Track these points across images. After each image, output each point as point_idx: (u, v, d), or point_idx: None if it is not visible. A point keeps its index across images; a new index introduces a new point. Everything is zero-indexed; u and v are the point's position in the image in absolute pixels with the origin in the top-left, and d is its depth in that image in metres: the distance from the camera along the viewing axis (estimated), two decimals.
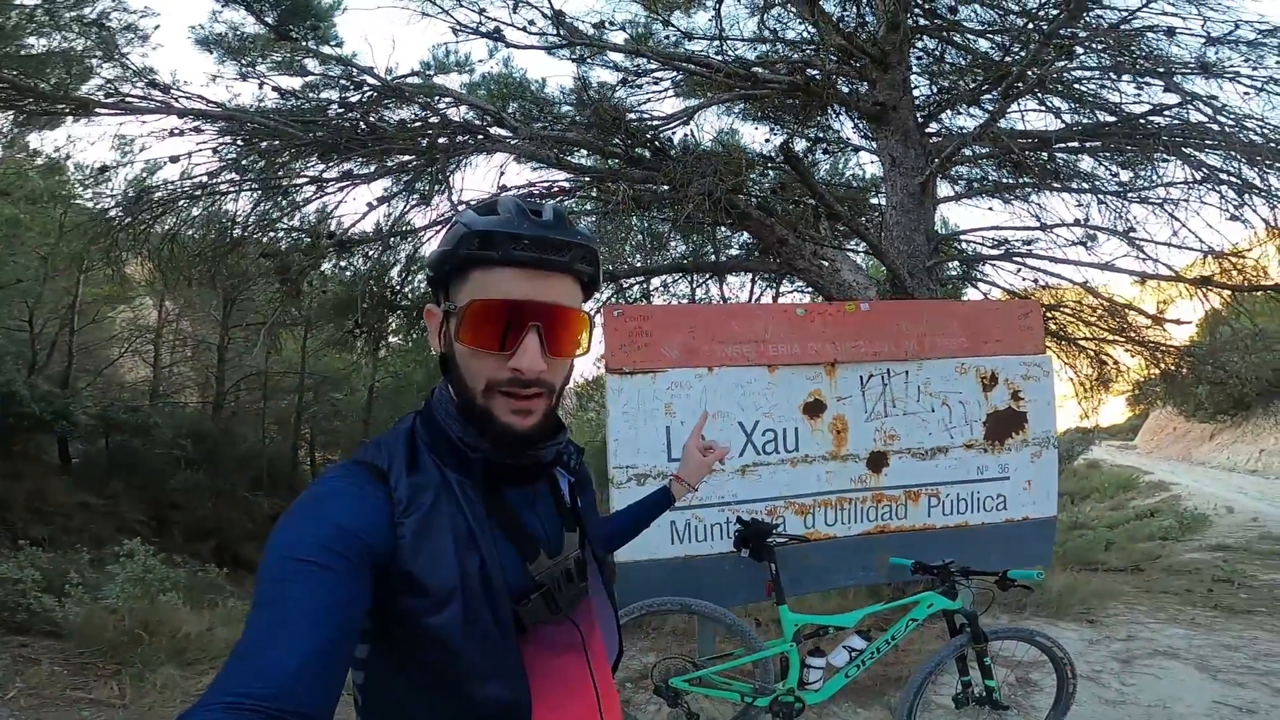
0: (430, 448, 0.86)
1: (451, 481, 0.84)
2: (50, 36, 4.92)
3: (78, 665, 3.93)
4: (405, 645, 0.81)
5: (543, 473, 0.95)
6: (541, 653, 0.87)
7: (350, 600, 0.72)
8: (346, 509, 0.77)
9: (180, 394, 17.42)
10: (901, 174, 5.73)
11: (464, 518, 0.82)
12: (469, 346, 0.83)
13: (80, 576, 4.76)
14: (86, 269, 11.62)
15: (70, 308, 13.75)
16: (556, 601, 0.88)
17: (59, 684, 3.67)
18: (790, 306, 3.14)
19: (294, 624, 0.67)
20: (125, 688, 3.65)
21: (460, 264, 0.84)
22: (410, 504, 0.80)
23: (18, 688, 3.56)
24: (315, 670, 0.65)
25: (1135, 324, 7.12)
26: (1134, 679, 3.85)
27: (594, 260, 0.89)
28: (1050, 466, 3.09)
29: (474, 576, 0.81)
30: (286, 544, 0.73)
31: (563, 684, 0.89)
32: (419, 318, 6.98)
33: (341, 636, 0.70)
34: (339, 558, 0.72)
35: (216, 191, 4.84)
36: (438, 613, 0.78)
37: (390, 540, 0.78)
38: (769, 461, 2.85)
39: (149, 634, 4.19)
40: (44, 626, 4.49)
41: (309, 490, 0.81)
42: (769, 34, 6.65)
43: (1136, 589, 6.03)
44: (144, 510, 12.82)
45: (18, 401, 10.22)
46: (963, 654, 2.63)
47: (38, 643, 4.31)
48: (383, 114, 5.31)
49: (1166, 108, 5.70)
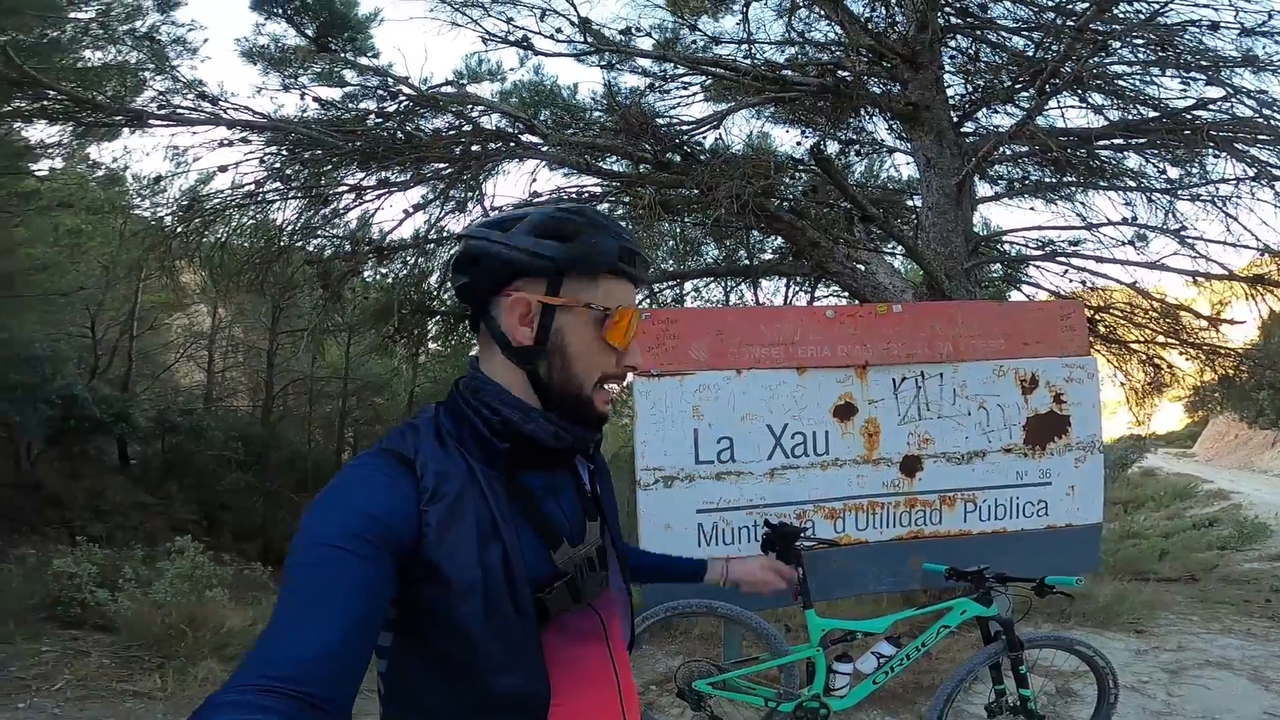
0: (455, 437, 0.87)
1: (476, 470, 0.85)
2: (105, 49, 5.18)
3: (125, 658, 4.08)
4: (426, 634, 0.82)
5: (565, 461, 0.97)
6: (564, 641, 0.88)
7: (376, 586, 0.73)
8: (375, 496, 0.78)
9: (232, 398, 18.05)
10: (937, 174, 5.61)
11: (487, 507, 0.83)
12: (616, 345, 0.91)
13: (133, 572, 4.95)
14: (145, 277, 12.14)
15: (130, 314, 14.37)
16: (580, 589, 0.89)
17: (106, 676, 3.82)
18: (820, 309, 3.10)
19: (320, 609, 0.68)
20: (168, 680, 3.78)
21: (602, 268, 0.90)
22: (435, 493, 0.81)
23: (65, 679, 3.71)
24: (340, 655, 0.66)
25: (1190, 326, 6.82)
26: (1182, 689, 3.70)
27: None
28: (1095, 471, 2.97)
29: (496, 567, 0.81)
30: (316, 530, 0.74)
31: (584, 672, 0.90)
32: (456, 323, 7.11)
33: (366, 622, 0.71)
34: (366, 544, 0.73)
35: (264, 200, 5.03)
36: (459, 603, 0.79)
37: (415, 529, 0.78)
38: (798, 465, 2.81)
39: (194, 629, 4.34)
40: (96, 620, 4.68)
41: (338, 476, 0.82)
42: (797, 36, 6.59)
43: (1190, 599, 5.78)
44: (196, 510, 13.30)
45: (79, 404, 10.69)
46: (997, 662, 2.55)
47: (89, 636, 4.49)
48: (419, 123, 5.43)
49: (1211, 102, 5.46)
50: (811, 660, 2.58)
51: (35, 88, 4.11)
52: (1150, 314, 7.09)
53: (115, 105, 4.51)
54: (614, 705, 0.94)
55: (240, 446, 14.35)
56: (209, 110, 4.65)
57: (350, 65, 5.97)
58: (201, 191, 5.13)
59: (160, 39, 5.39)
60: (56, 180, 9.51)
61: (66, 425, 10.84)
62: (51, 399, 10.18)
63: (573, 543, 0.92)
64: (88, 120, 4.57)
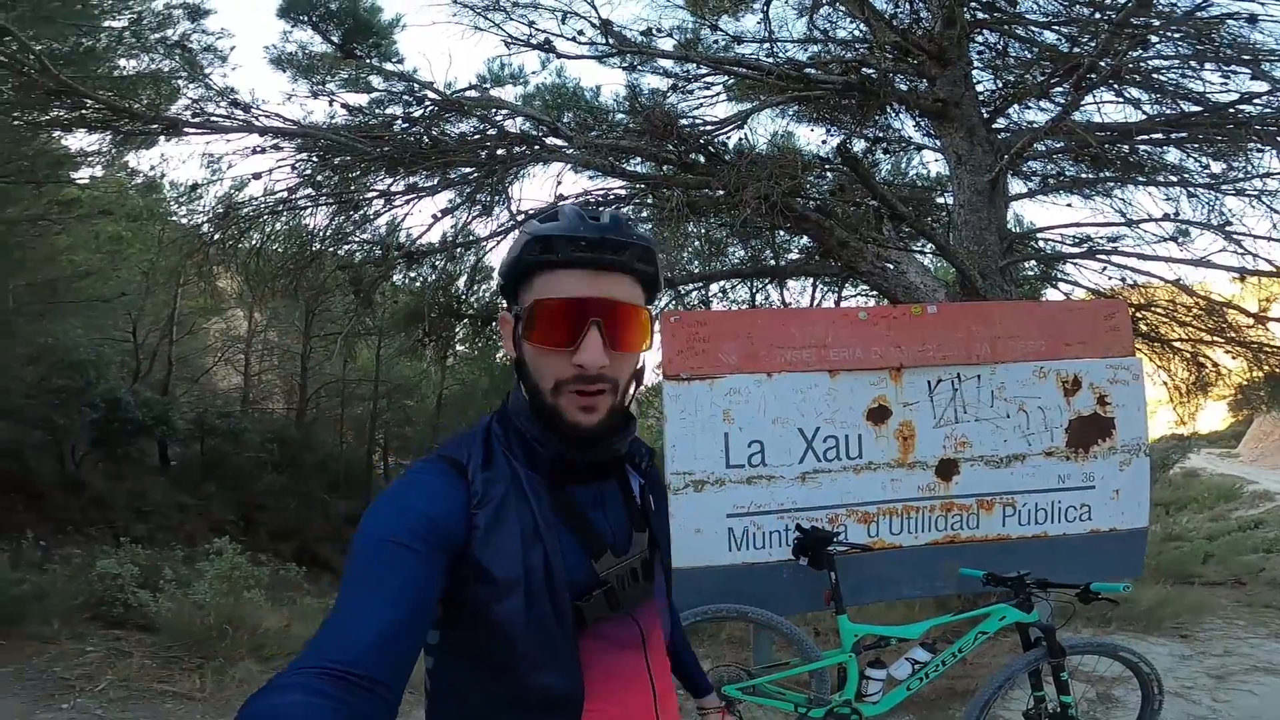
0: (504, 445, 0.91)
1: (522, 477, 0.88)
2: (138, 58, 5.31)
3: (165, 659, 4.16)
4: (470, 633, 0.85)
5: (611, 470, 0.98)
6: (601, 647, 0.90)
7: (428, 581, 0.78)
8: (431, 498, 0.83)
9: (268, 401, 18.44)
10: (969, 171, 5.49)
11: (531, 512, 0.86)
12: (535, 345, 0.87)
13: (173, 573, 5.06)
14: (183, 283, 12.44)
15: (169, 319, 14.77)
16: (618, 599, 0.90)
17: (147, 676, 3.89)
18: (852, 310, 3.05)
19: (377, 600, 0.73)
20: (206, 681, 3.85)
21: (525, 269, 0.88)
22: (484, 496, 0.85)
23: (108, 679, 3.79)
24: (393, 643, 0.71)
25: (1236, 323, 6.58)
26: (1227, 695, 3.58)
27: (652, 260, 0.91)
28: (1141, 475, 2.87)
29: (537, 569, 0.84)
30: (376, 526, 0.79)
31: (618, 679, 0.91)
32: (484, 326, 7.17)
33: (419, 614, 0.76)
34: (421, 541, 0.78)
35: (296, 206, 5.12)
36: (501, 602, 0.83)
37: (465, 530, 0.83)
38: (830, 469, 2.77)
39: (232, 629, 4.41)
40: (137, 620, 4.77)
41: (399, 479, 0.88)
42: (819, 34, 6.51)
43: (1236, 603, 5.58)
44: (234, 510, 13.59)
45: (121, 407, 10.99)
46: (1037, 668, 2.48)
47: (131, 636, 4.57)
48: (444, 127, 5.48)
49: (1256, 96, 5.27)
50: (844, 665, 2.53)
51: (73, 96, 4.23)
52: (1194, 311, 6.87)
53: (151, 113, 4.64)
54: (649, 712, 0.95)
55: (276, 448, 14.64)
56: (241, 118, 4.75)
57: (376, 71, 6.04)
58: (236, 199, 5.24)
59: (192, 46, 5.51)
60: (97, 189, 9.79)
61: (109, 428, 11.13)
62: (95, 402, 10.50)
63: (616, 553, 0.93)
64: (125, 129, 4.70)
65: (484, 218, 5.85)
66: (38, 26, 5.05)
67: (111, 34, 5.57)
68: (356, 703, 0.65)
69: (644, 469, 1.05)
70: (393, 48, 6.69)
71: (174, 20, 5.97)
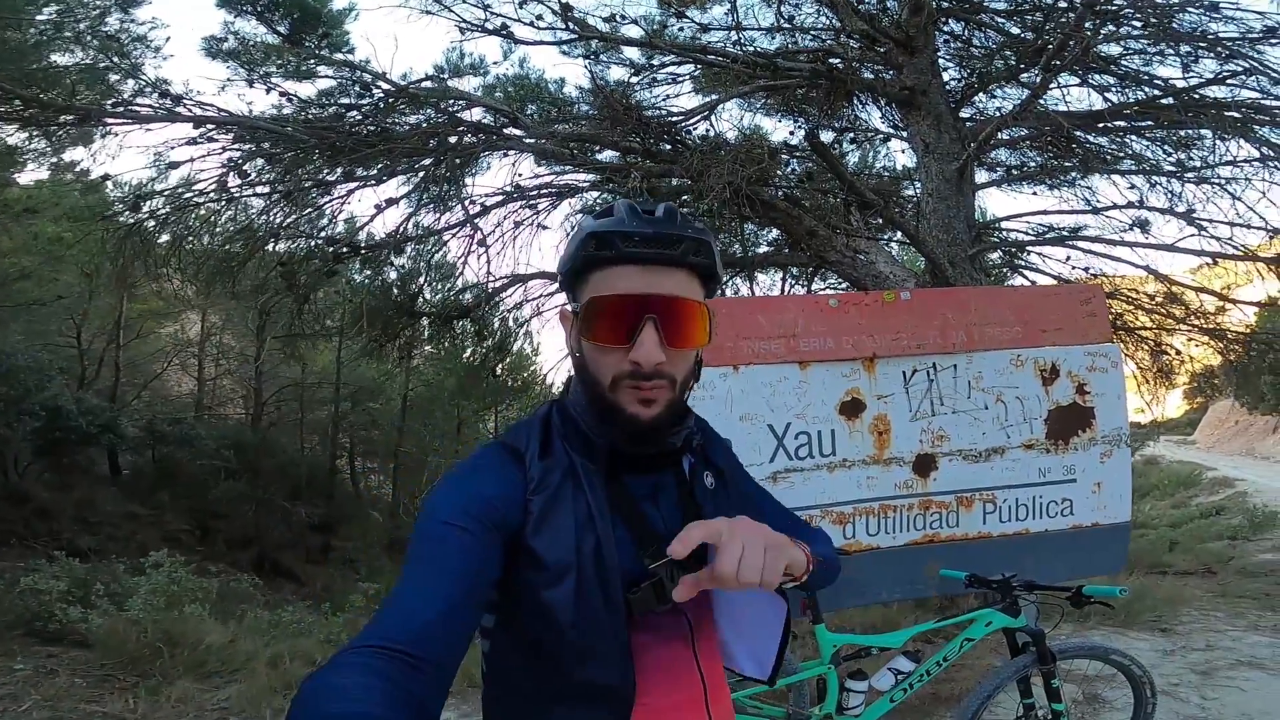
0: (562, 434, 0.93)
1: (578, 467, 0.90)
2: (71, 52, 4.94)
3: (99, 677, 3.90)
4: (522, 619, 0.87)
5: (666, 462, 0.97)
6: (652, 639, 0.90)
7: (484, 563, 0.81)
8: (489, 482, 0.86)
9: (225, 406, 17.80)
10: (936, 159, 5.41)
11: (585, 501, 0.88)
12: (592, 342, 0.88)
13: (104, 588, 4.75)
14: (131, 284, 11.90)
15: (115, 323, 14.12)
16: (667, 592, 0.86)
17: (76, 696, 3.63)
18: (822, 297, 2.89)
19: (435, 579, 0.77)
20: (139, 701, 3.58)
21: (581, 266, 0.89)
22: (540, 483, 0.87)
23: (33, 700, 3.51)
24: (448, 623, 0.74)
25: (1200, 310, 6.65)
26: (1215, 692, 3.52)
27: (709, 253, 0.91)
28: (1122, 467, 2.77)
29: (589, 557, 0.85)
30: (436, 508, 0.83)
31: (667, 672, 0.91)
32: (445, 326, 6.89)
33: (473, 596, 0.78)
34: (478, 523, 0.81)
35: (222, 199, 4.76)
36: (552, 587, 0.84)
37: (521, 514, 0.85)
38: (802, 467, 2.60)
39: (172, 646, 4.15)
40: (74, 637, 4.49)
41: (459, 464, 0.91)
42: (786, 23, 6.38)
43: (1210, 593, 5.60)
44: (189, 519, 13.10)
45: (63, 415, 10.48)
46: (1026, 675, 2.36)
47: (66, 654, 4.31)
48: (398, 119, 5.20)
49: (1232, 75, 5.28)
50: (823, 677, 2.39)
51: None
52: (1158, 299, 6.94)
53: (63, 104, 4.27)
54: (698, 705, 0.94)
55: (232, 454, 14.13)
56: (164, 106, 4.40)
57: (327, 62, 5.72)
58: (153, 189, 4.86)
59: (120, 37, 5.14)
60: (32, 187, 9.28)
61: (52, 437, 10.64)
62: (35, 410, 9.97)
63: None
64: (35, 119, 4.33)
65: (435, 209, 5.57)
66: None
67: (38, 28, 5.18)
68: (410, 680, 0.67)
69: (695, 446, 1.01)
70: (344, 37, 6.38)
71: (103, 11, 5.58)
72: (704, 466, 1.01)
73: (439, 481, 0.88)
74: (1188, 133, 5.88)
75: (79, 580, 5.05)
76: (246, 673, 4.03)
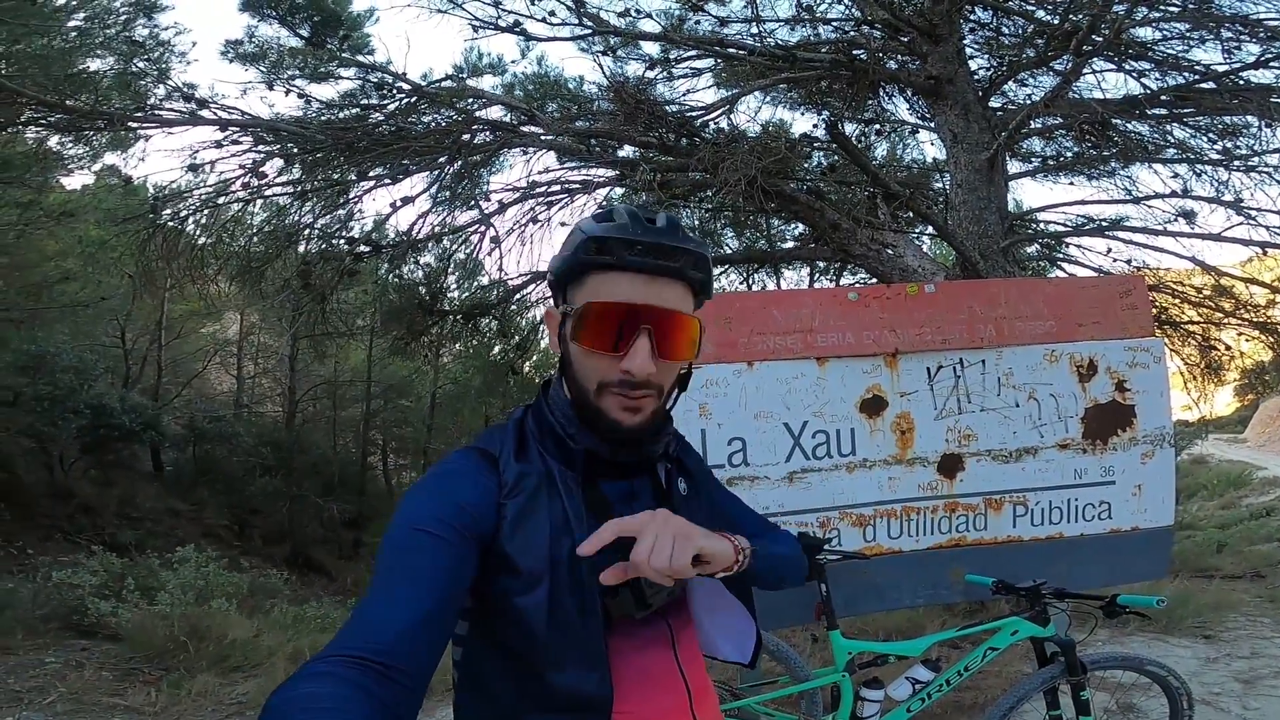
0: (537, 438, 0.92)
1: (554, 471, 0.89)
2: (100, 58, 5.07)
3: (125, 671, 3.99)
4: (496, 625, 0.86)
5: (643, 466, 0.97)
6: (628, 646, 0.89)
7: (458, 570, 0.79)
8: (462, 488, 0.84)
9: (263, 404, 18.23)
10: (965, 150, 5.23)
11: (562, 506, 0.87)
12: (584, 347, 0.87)
13: (136, 582, 4.85)
14: (171, 286, 12.23)
15: (157, 323, 14.53)
16: (645, 598, 0.85)
17: (100, 690, 3.71)
18: (841, 290, 2.77)
19: (407, 588, 0.74)
20: (160, 695, 3.64)
21: (578, 268, 0.88)
22: (514, 487, 0.86)
23: (59, 692, 3.59)
24: (421, 631, 0.71)
25: (1250, 302, 6.32)
26: (1258, 702, 3.33)
27: (705, 267, 0.91)
28: (1165, 468, 2.60)
29: (563, 564, 0.84)
30: (408, 515, 0.81)
31: (648, 678, 0.90)
32: (468, 324, 6.90)
33: (448, 603, 0.76)
34: (451, 529, 0.79)
35: (252, 198, 4.83)
36: (526, 593, 0.83)
37: (495, 520, 0.84)
38: (820, 467, 2.50)
39: (198, 640, 4.22)
40: (108, 631, 4.61)
41: (432, 469, 0.89)
42: (805, 14, 6.23)
43: (1259, 598, 5.30)
44: (227, 515, 13.45)
45: (108, 413, 10.82)
46: (1053, 686, 2.23)
47: (98, 647, 4.42)
48: (418, 118, 5.21)
49: (1277, 58, 4.99)
50: (837, 685, 2.29)
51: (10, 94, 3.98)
52: (1205, 292, 6.61)
53: (91, 109, 4.36)
54: (683, 712, 0.93)
55: (268, 452, 14.45)
56: (185, 109, 4.47)
57: (347, 63, 5.77)
58: (174, 191, 4.95)
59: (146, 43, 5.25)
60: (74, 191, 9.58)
61: (97, 434, 10.97)
62: (80, 409, 10.30)
63: None
64: (64, 124, 4.44)
65: (456, 208, 5.57)
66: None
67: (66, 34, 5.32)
68: (383, 690, 0.65)
69: (671, 453, 1.01)
70: (365, 39, 6.44)
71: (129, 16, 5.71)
72: (679, 473, 1.01)
73: (410, 488, 0.87)
74: (1232, 120, 5.58)
75: (114, 574, 5.19)
76: (267, 667, 4.07)
